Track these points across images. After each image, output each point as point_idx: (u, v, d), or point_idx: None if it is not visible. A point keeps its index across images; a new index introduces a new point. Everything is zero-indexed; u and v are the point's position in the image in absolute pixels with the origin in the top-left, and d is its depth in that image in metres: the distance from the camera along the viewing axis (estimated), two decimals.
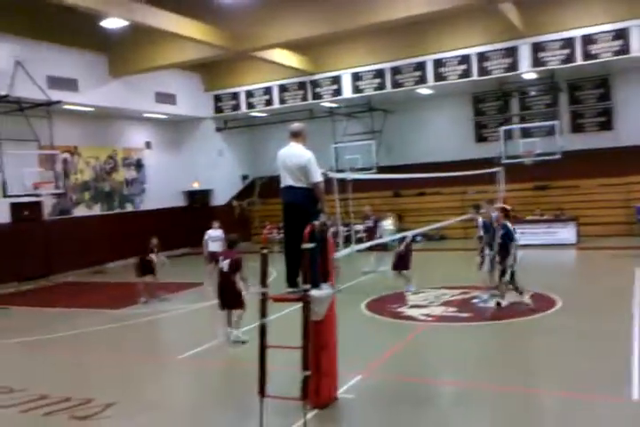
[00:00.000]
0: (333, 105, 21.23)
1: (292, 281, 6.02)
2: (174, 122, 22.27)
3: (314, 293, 5.64)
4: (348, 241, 7.68)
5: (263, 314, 5.51)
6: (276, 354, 5.51)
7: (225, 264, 8.49)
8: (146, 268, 12.16)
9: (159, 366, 8.12)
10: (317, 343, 5.88)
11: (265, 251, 5.81)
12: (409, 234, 11.48)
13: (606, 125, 19.66)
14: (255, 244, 19.45)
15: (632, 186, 18.23)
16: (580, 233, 17.40)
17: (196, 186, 22.70)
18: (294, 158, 5.92)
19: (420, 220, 17.40)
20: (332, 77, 19.86)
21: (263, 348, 5.43)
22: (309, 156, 5.90)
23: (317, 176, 5.86)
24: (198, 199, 22.99)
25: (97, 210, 19.46)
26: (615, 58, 16.02)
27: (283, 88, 20.66)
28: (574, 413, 5.67)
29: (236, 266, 8.47)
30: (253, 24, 15.37)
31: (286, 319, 7.04)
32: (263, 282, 5.66)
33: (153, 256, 12.25)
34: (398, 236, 11.43)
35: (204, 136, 22.76)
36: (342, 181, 8.13)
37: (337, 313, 6.25)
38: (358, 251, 7.86)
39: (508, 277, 9.41)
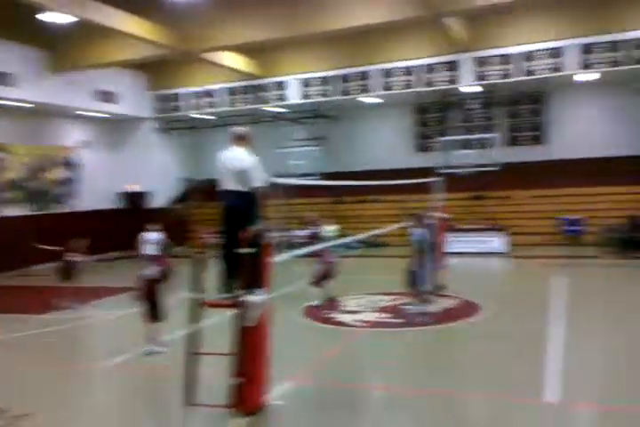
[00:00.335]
0: (280, 110, 21.26)
1: (227, 286, 5.98)
2: (115, 121, 21.70)
3: (249, 298, 5.63)
4: (288, 247, 7.70)
5: (195, 320, 5.45)
6: (206, 361, 5.46)
7: (151, 271, 8.19)
8: (68, 272, 11.69)
9: (82, 374, 7.80)
10: (249, 350, 5.86)
11: (200, 255, 5.75)
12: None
13: (539, 140, 20.60)
14: (192, 248, 19.15)
15: (561, 198, 19.16)
16: (511, 242, 18.11)
17: (133, 188, 22.14)
18: (236, 162, 5.92)
19: (361, 226, 17.60)
20: (280, 82, 19.90)
21: (193, 355, 5.36)
22: (252, 160, 5.92)
23: (259, 181, 5.87)
24: (135, 201, 22.41)
25: (27, 210, 18.63)
26: (550, 75, 16.82)
27: (229, 91, 20.53)
28: (499, 415, 5.91)
29: (162, 274, 8.14)
30: (203, 25, 15.23)
31: (218, 325, 6.96)
32: (197, 287, 5.61)
33: (73, 259, 11.72)
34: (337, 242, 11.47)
35: (146, 137, 22.28)
36: (285, 187, 8.14)
37: (272, 319, 6.26)
38: (299, 257, 7.90)
39: (424, 285, 9.49)
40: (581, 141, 19.53)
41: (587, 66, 16.27)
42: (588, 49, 16.15)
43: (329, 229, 13.40)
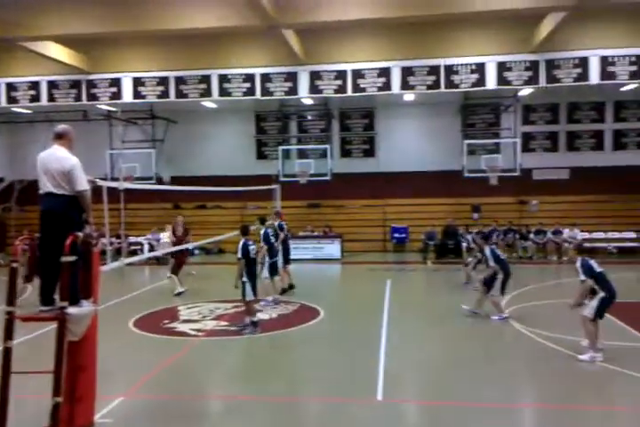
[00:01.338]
0: (111, 109, 20.05)
1: (47, 298, 5.45)
2: None
3: (72, 311, 5.19)
4: (118, 254, 7.26)
5: (8, 336, 4.87)
6: (27, 380, 4.95)
7: None
8: None
9: None
10: (74, 366, 5.40)
11: (15, 264, 5.17)
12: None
13: (369, 153, 21.99)
14: (9, 255, 17.21)
15: (387, 207, 20.71)
16: (345, 249, 19.07)
17: None
18: (57, 163, 5.43)
19: (201, 233, 17.27)
20: (112, 79, 18.73)
21: (6, 374, 4.79)
22: (74, 161, 5.47)
23: (83, 183, 5.45)
24: None
25: None
26: (379, 93, 18.05)
27: (53, 85, 18.80)
28: (333, 416, 6.12)
29: None
30: (23, 11, 13.81)
31: (43, 340, 6.32)
32: (10, 300, 5.03)
33: None
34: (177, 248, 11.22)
35: None
36: (116, 191, 7.69)
37: (100, 331, 5.84)
38: (131, 264, 7.49)
39: (250, 293, 9.28)
40: (405, 156, 21.23)
41: (408, 87, 17.75)
42: (409, 71, 17.64)
43: (165, 235, 13.00)
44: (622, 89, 18.52)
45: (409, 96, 19.11)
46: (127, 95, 18.71)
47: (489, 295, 9.99)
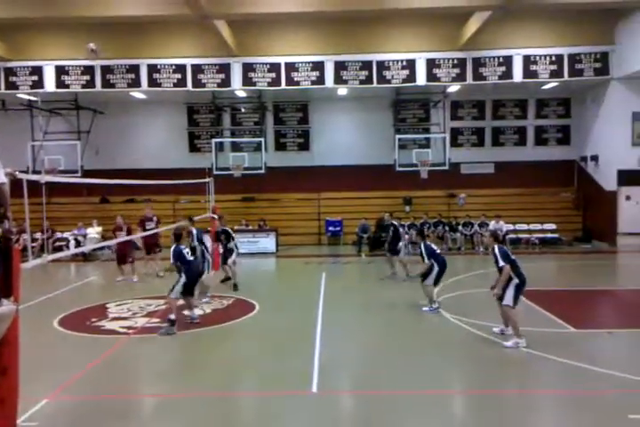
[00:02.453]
0: (33, 98, 19.04)
1: None
2: None
3: None
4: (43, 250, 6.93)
5: None
6: None
7: None
8: None
9: None
10: None
11: None
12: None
13: (304, 146, 22.03)
14: None
15: (322, 201, 20.85)
16: (280, 242, 19.06)
17: None
18: None
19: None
20: (33, 67, 17.81)
21: None
22: None
23: (0, 176, 5.15)
24: None
25: None
26: (312, 87, 18.11)
27: None
28: (268, 410, 6.12)
29: None
30: None
31: None
32: None
33: None
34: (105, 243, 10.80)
35: None
36: (37, 184, 7.34)
37: (23, 332, 5.55)
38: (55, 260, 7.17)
39: (178, 291, 9.09)
40: (339, 150, 21.43)
41: (341, 81, 17.93)
42: (342, 66, 17.82)
43: (94, 230, 12.53)
44: (543, 87, 19.48)
45: (342, 90, 19.28)
46: (49, 84, 17.89)
47: (424, 284, 10.22)
